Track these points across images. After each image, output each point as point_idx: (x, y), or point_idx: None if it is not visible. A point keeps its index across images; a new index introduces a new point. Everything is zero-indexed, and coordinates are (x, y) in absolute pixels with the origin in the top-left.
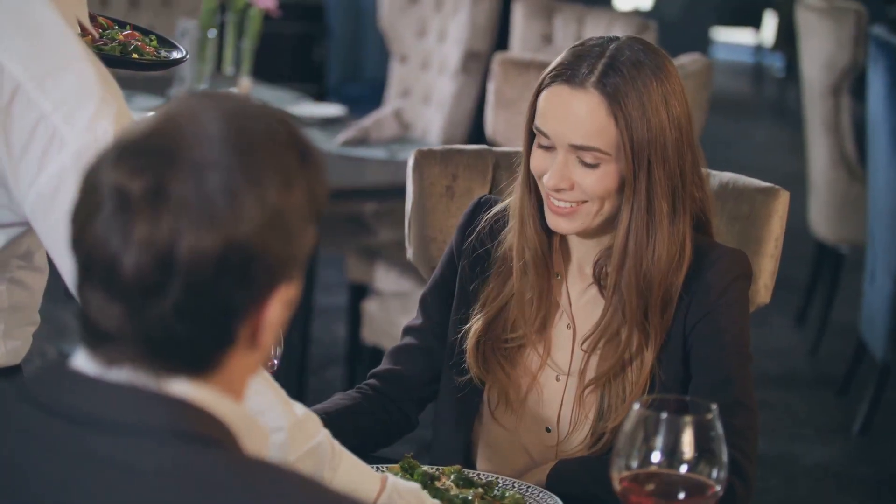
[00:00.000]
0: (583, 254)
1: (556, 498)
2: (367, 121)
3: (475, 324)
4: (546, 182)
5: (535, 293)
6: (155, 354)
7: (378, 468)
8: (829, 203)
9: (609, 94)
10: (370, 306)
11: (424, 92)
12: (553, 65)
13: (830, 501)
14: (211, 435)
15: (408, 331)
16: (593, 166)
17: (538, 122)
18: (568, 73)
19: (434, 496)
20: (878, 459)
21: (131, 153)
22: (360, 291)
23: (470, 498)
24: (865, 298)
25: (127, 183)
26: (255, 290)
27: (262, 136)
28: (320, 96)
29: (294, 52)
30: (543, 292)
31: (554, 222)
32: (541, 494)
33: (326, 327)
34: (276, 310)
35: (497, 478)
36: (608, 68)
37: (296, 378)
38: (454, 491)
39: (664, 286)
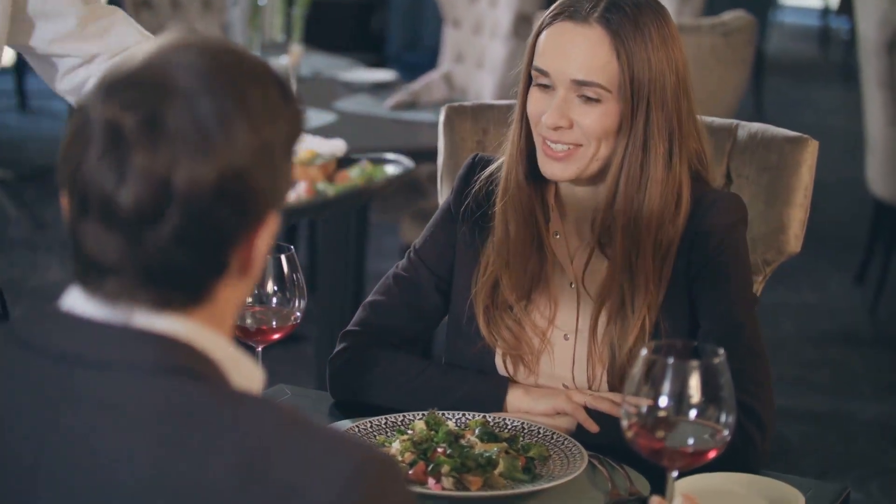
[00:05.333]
0: (580, 210)
1: (580, 445)
2: (417, 84)
3: (482, 289)
4: (545, 120)
5: (519, 245)
6: (152, 284)
7: (405, 419)
8: (885, 161)
9: (612, 30)
10: None
11: (477, 56)
12: (553, 6)
13: (887, 457)
14: (197, 369)
15: (402, 283)
16: (594, 102)
17: (538, 61)
18: (570, 10)
19: (459, 455)
20: None
21: (120, 88)
22: None
23: (494, 456)
24: None
25: (119, 118)
26: (248, 218)
27: (247, 70)
28: (380, 64)
29: (354, 21)
30: (530, 245)
31: (549, 168)
32: (565, 442)
33: None
34: (265, 239)
35: (522, 423)
36: (611, 5)
37: None
38: (478, 448)
39: (655, 229)
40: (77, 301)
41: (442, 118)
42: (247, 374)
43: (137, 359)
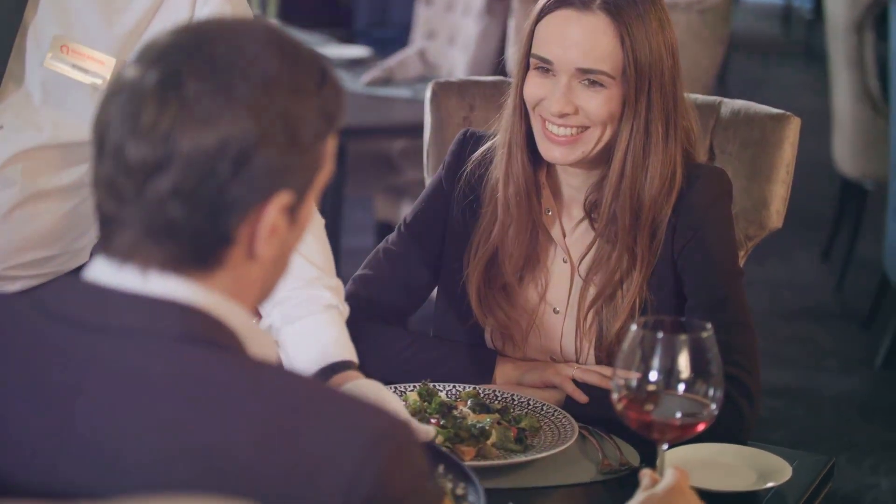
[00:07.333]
0: (573, 188)
1: (570, 417)
2: (392, 61)
3: (475, 269)
4: (549, 107)
5: (518, 227)
6: (154, 239)
7: (396, 389)
8: (852, 139)
9: (615, 16)
10: None
11: (449, 33)
12: None
13: (853, 430)
14: (217, 338)
15: (392, 257)
16: (598, 87)
17: (539, 50)
18: None
19: (452, 426)
20: None
21: (157, 47)
22: (387, 231)
23: (487, 427)
24: (888, 233)
25: (144, 73)
26: (251, 186)
27: (285, 48)
28: (348, 40)
29: None
30: (527, 227)
31: (551, 152)
32: (556, 413)
33: (356, 268)
34: (273, 216)
35: (513, 395)
36: None
37: None
38: (471, 419)
39: (654, 209)
40: (99, 270)
41: (428, 94)
42: (262, 344)
43: (159, 327)
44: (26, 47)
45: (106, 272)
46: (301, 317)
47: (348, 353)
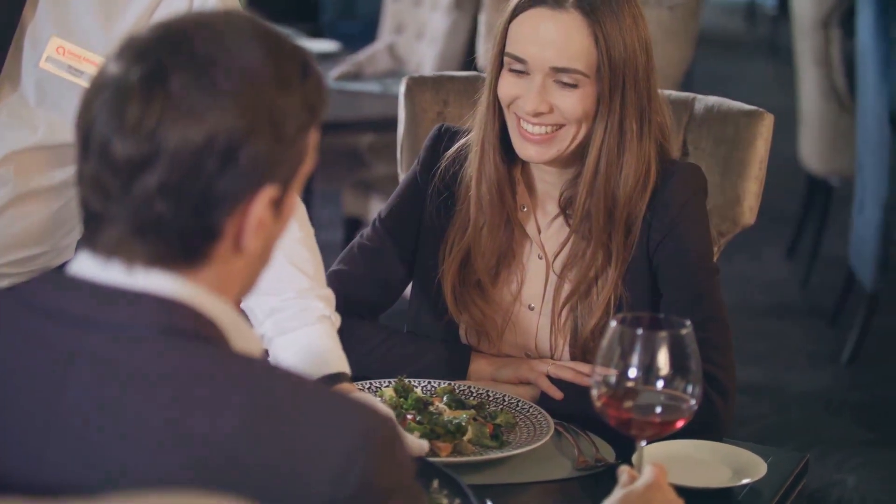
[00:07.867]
0: (548, 185)
1: (546, 413)
2: (361, 55)
3: (450, 267)
4: (524, 107)
5: (492, 225)
6: (141, 235)
7: (371, 386)
8: (819, 136)
9: (588, 14)
10: None
11: (418, 28)
12: None
13: (820, 426)
14: (201, 331)
15: (367, 253)
16: (572, 87)
17: (512, 48)
18: None
19: (428, 422)
20: (866, 385)
21: (139, 43)
22: (355, 225)
23: (463, 423)
24: (854, 229)
25: (128, 69)
26: (238, 180)
27: (269, 41)
28: (315, 34)
29: None
30: (501, 224)
31: (526, 151)
32: (531, 410)
33: (324, 263)
34: (261, 210)
35: (488, 392)
36: None
37: None
38: (447, 415)
39: (628, 206)
40: (84, 265)
41: (402, 89)
42: (247, 338)
43: (145, 321)
44: (23, 47)
45: (91, 267)
46: (294, 328)
47: (342, 365)
